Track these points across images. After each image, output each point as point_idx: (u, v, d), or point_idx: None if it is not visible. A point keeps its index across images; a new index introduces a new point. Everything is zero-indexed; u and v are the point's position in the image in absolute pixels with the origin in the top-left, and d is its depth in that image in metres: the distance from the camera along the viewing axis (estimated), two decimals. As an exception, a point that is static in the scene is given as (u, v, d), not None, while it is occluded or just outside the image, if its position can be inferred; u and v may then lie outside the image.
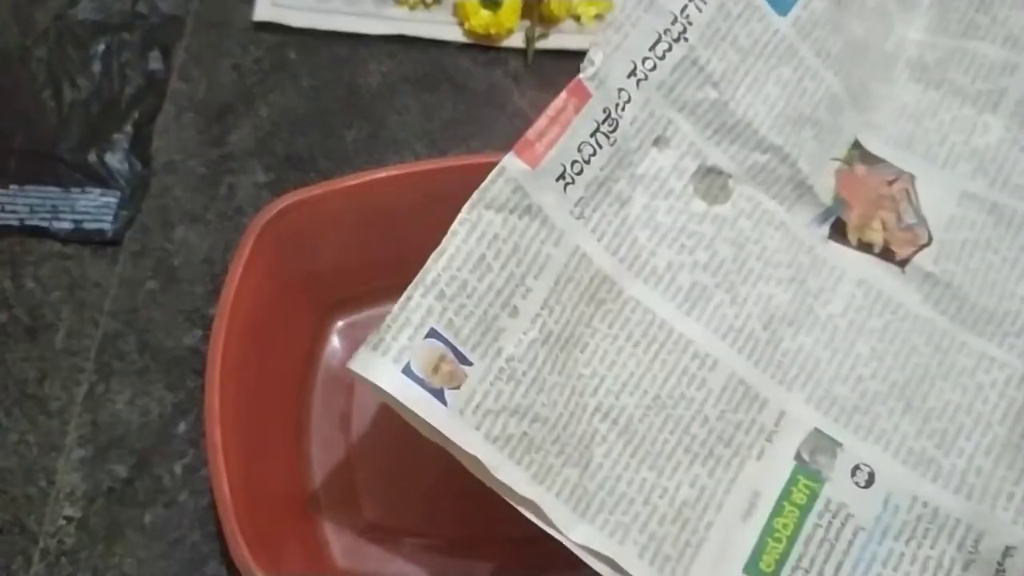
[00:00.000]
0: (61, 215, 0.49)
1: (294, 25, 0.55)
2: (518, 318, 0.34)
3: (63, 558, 0.42)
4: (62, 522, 0.43)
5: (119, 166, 0.51)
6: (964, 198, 0.41)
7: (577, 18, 0.56)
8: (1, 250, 0.49)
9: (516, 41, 0.55)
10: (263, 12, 0.55)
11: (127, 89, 0.53)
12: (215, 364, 0.38)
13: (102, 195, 0.50)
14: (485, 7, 0.54)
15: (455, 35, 0.55)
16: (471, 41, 0.55)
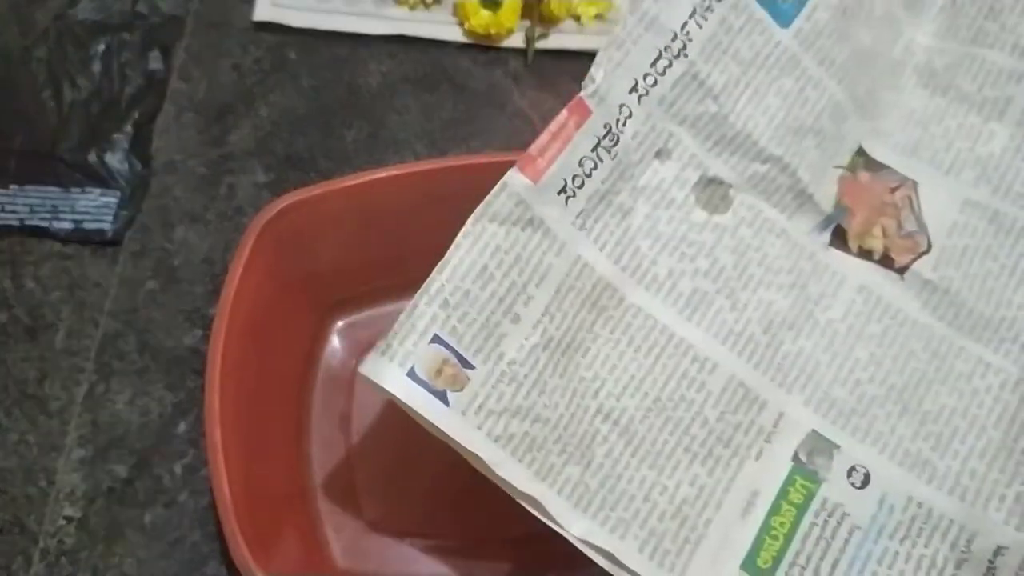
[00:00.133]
0: (61, 215, 0.49)
1: (294, 25, 0.55)
2: (520, 324, 0.35)
3: (63, 558, 0.42)
4: (62, 522, 0.43)
5: (119, 166, 0.51)
6: (967, 205, 0.41)
7: (577, 18, 0.56)
8: (1, 250, 0.49)
9: (516, 41, 0.55)
10: (263, 12, 0.55)
11: (127, 89, 0.53)
12: (215, 364, 0.38)
13: (102, 195, 0.50)
14: (485, 7, 0.54)
15: (455, 35, 0.55)
16: (471, 41, 0.55)
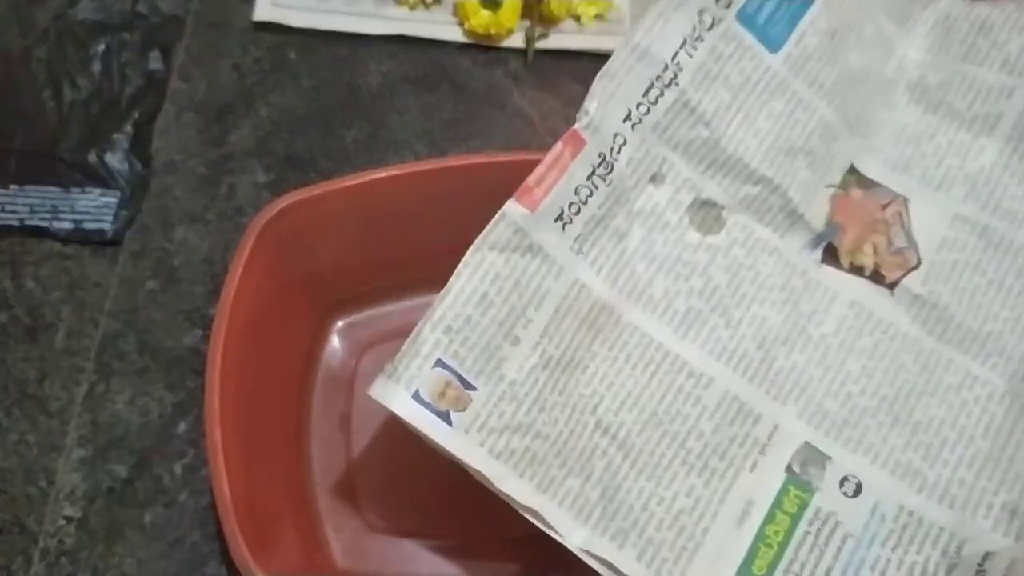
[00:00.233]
0: (61, 215, 0.49)
1: (294, 25, 0.55)
2: (519, 346, 0.36)
3: (63, 558, 0.42)
4: (62, 522, 0.43)
5: (119, 166, 0.51)
6: (956, 220, 0.41)
7: (577, 18, 0.56)
8: (1, 250, 0.49)
9: (516, 41, 0.55)
10: (263, 12, 0.55)
11: (127, 89, 0.53)
12: (215, 364, 0.38)
13: (102, 195, 0.50)
14: (485, 7, 0.54)
15: (455, 35, 0.55)
16: (471, 41, 0.55)
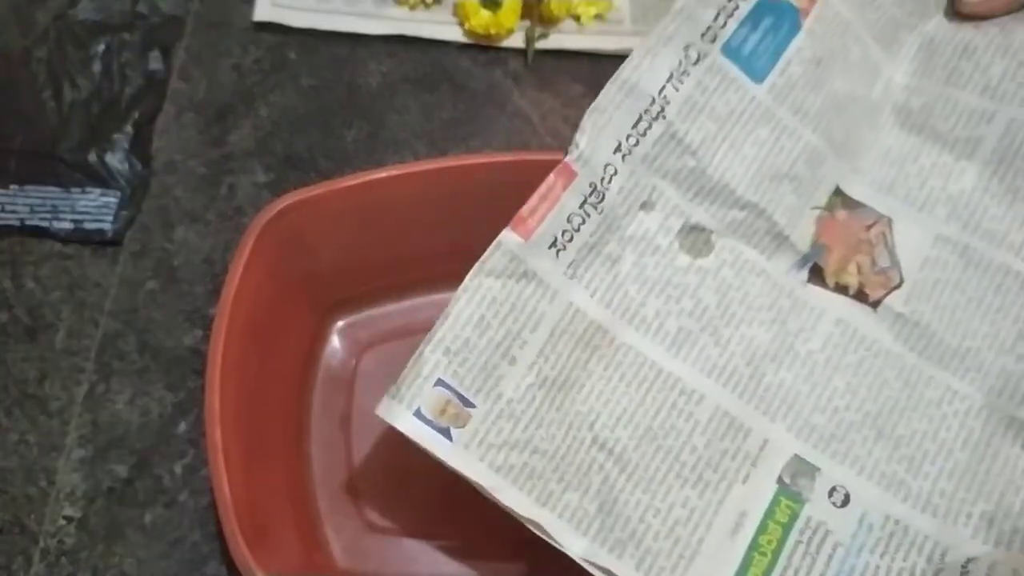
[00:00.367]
0: (61, 215, 0.49)
1: (294, 25, 0.55)
2: (516, 366, 0.38)
3: (63, 558, 0.42)
4: (62, 522, 0.43)
5: (119, 166, 0.51)
6: (939, 241, 0.42)
7: (577, 18, 0.56)
8: (1, 250, 0.49)
9: (516, 41, 0.55)
10: (263, 12, 0.55)
11: (127, 89, 0.53)
12: (215, 364, 0.38)
13: (102, 195, 0.50)
14: (485, 7, 0.54)
15: (455, 35, 0.55)
16: (471, 41, 0.55)
